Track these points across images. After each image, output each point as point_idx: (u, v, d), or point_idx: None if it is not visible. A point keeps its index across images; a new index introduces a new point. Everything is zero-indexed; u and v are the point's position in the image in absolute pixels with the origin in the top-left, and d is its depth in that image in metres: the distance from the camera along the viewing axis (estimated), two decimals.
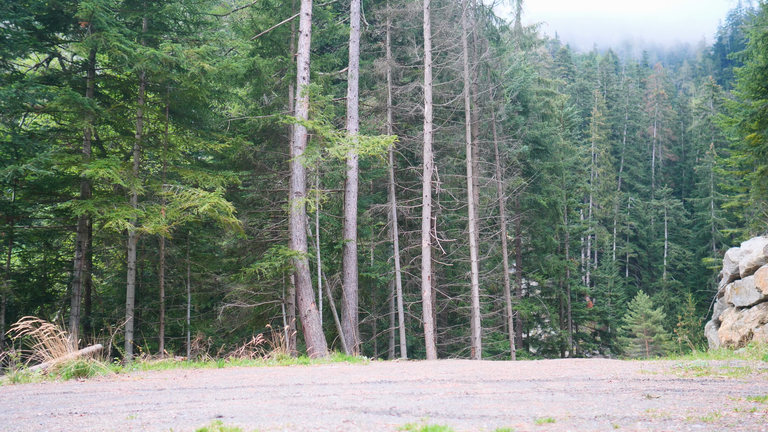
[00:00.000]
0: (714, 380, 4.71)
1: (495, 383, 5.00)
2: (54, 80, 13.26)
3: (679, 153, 64.66)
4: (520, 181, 26.28)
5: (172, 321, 15.43)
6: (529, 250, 32.11)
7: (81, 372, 6.36)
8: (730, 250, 10.53)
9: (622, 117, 62.47)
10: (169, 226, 11.82)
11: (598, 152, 53.48)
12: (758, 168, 18.29)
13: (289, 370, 7.36)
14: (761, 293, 9.15)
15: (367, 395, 4.30)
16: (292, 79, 15.44)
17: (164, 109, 13.84)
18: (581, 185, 39.58)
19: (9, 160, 12.03)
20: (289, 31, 15.97)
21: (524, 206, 30.18)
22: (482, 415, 3.24)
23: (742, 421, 2.84)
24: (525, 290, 34.35)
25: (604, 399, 3.77)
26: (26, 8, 11.80)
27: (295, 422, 3.17)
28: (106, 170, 10.99)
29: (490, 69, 23.33)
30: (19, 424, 3.55)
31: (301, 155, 13.30)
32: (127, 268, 13.03)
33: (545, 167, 29.83)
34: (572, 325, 34.00)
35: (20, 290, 14.11)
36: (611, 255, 49.04)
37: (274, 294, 15.06)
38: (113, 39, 11.23)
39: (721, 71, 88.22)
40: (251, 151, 15.64)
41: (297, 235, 13.69)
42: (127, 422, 3.41)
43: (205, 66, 12.16)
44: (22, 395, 5.01)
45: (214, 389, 5.18)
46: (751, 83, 17.56)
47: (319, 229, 16.24)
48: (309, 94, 13.57)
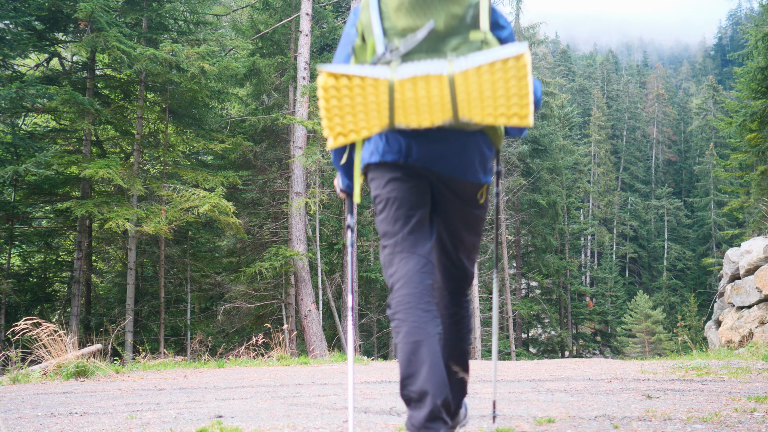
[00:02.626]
0: (714, 380, 4.71)
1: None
2: (54, 80, 13.26)
3: (679, 153, 64.67)
4: (520, 180, 26.28)
5: (172, 321, 15.43)
6: (529, 250, 32.11)
7: (81, 372, 6.37)
8: (730, 251, 10.53)
9: (622, 117, 62.47)
10: (169, 226, 11.82)
11: (598, 152, 53.49)
12: (758, 168, 18.28)
13: (289, 370, 7.37)
14: (761, 293, 9.15)
15: (367, 395, 4.31)
16: (292, 79, 15.44)
17: (164, 109, 13.84)
18: (581, 185, 39.58)
19: (9, 160, 12.04)
20: (289, 31, 15.97)
21: (524, 206, 30.18)
22: (482, 415, 3.24)
23: (743, 421, 2.84)
24: (525, 290, 34.35)
25: (604, 399, 3.77)
26: (26, 8, 11.81)
27: (296, 422, 3.17)
28: (106, 170, 10.99)
29: None
30: (19, 423, 3.55)
31: (301, 155, 13.30)
32: (127, 268, 13.03)
33: (545, 167, 29.82)
34: (572, 325, 34.01)
35: (20, 290, 14.11)
36: (611, 255, 49.04)
37: (274, 294, 15.06)
38: (113, 39, 11.23)
39: (721, 71, 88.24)
40: (251, 151, 15.65)
41: (297, 235, 13.69)
42: (127, 422, 3.41)
43: (205, 66, 12.16)
44: (22, 395, 5.01)
45: (214, 389, 5.19)
46: (751, 83, 17.55)
47: (319, 229, 16.25)
48: (309, 94, 13.58)
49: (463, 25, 1.87)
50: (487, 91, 1.72)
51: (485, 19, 1.90)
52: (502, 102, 1.73)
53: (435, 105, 1.74)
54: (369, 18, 1.93)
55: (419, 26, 1.86)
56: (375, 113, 1.77)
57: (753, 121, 17.07)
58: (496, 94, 1.72)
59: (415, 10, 1.87)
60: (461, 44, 1.86)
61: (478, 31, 1.88)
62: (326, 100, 1.76)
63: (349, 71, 1.73)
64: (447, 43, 1.86)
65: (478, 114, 1.74)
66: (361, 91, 1.74)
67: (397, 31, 1.89)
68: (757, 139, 17.33)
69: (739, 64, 20.93)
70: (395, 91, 1.73)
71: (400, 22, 1.89)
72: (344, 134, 1.79)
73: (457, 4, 1.88)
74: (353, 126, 1.78)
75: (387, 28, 1.90)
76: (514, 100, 1.72)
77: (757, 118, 16.87)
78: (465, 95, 1.72)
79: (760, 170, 18.10)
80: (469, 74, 1.71)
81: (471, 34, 1.87)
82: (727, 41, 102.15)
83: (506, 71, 1.70)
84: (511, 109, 1.73)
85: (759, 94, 17.16)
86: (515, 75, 1.71)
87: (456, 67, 1.71)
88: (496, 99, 1.73)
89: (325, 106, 1.77)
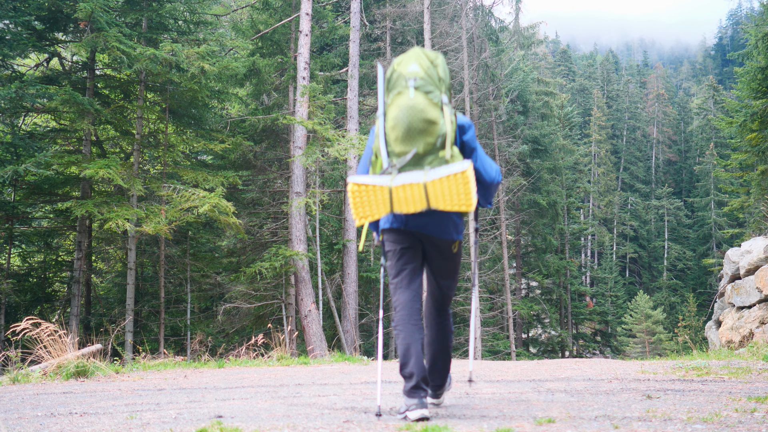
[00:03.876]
0: (714, 380, 4.71)
1: (495, 383, 5.00)
2: (54, 80, 13.25)
3: (679, 153, 64.64)
4: (520, 180, 26.28)
5: (172, 321, 15.42)
6: (529, 250, 32.10)
7: (81, 372, 6.36)
8: (730, 251, 10.52)
9: (623, 117, 62.44)
10: (169, 226, 11.82)
11: (598, 152, 53.47)
12: (759, 168, 18.27)
13: (290, 370, 7.36)
14: (761, 293, 9.14)
15: (368, 395, 4.31)
16: (292, 79, 15.43)
17: (164, 109, 13.83)
18: (581, 185, 39.58)
19: (9, 160, 12.03)
20: (289, 31, 15.97)
21: (524, 206, 30.17)
22: (482, 416, 3.24)
23: (743, 421, 2.84)
24: (525, 290, 34.35)
25: (605, 399, 3.76)
26: (26, 8, 11.80)
27: (296, 422, 3.17)
28: (106, 170, 10.99)
29: (489, 69, 23.33)
30: (19, 424, 3.55)
31: (301, 155, 13.29)
32: (127, 268, 13.02)
33: (545, 167, 29.82)
34: (572, 325, 34.00)
35: (20, 290, 14.10)
36: (611, 255, 49.03)
37: (274, 294, 15.06)
38: (113, 39, 11.22)
39: (721, 71, 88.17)
40: (251, 151, 15.64)
41: (297, 235, 13.69)
42: (127, 422, 3.41)
43: (205, 66, 12.15)
44: (22, 395, 5.01)
45: (214, 389, 5.18)
46: (751, 83, 17.54)
47: (319, 229, 16.24)
48: (309, 94, 13.57)
49: (434, 148, 3.01)
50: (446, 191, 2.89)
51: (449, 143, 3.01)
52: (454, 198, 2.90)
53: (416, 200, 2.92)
54: (378, 145, 3.10)
55: (408, 151, 3.00)
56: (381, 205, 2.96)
57: (753, 121, 17.06)
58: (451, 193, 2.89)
59: (405, 141, 3.00)
60: (434, 159, 3.00)
61: (444, 150, 3.01)
62: (353, 198, 2.96)
63: (366, 181, 2.94)
64: (425, 159, 3.00)
65: (441, 205, 2.94)
66: (372, 192, 2.94)
67: (395, 153, 3.03)
68: (757, 139, 17.32)
69: (740, 64, 20.92)
70: (393, 193, 2.92)
71: (396, 148, 3.03)
72: (365, 217, 3.02)
73: (431, 136, 2.99)
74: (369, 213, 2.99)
75: (389, 151, 3.05)
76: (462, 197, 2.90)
77: (757, 118, 16.86)
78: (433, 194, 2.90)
79: (761, 170, 18.09)
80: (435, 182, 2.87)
81: (440, 152, 3.01)
82: (727, 41, 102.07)
83: (456, 180, 2.86)
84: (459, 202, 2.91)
85: (759, 94, 17.15)
86: (461, 182, 2.87)
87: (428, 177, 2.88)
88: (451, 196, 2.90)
89: (353, 201, 2.97)
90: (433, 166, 2.95)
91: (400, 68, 3.12)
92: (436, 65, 3.14)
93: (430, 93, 3.03)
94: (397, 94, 3.06)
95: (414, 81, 3.04)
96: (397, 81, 3.09)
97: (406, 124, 2.97)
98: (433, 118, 2.99)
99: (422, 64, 3.11)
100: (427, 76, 3.07)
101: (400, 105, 3.02)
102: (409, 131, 2.97)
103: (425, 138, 2.97)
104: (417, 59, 3.13)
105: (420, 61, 3.12)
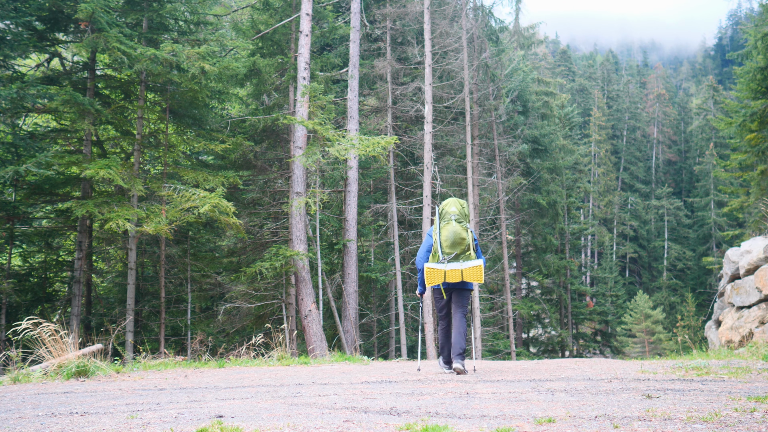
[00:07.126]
0: (714, 380, 4.72)
1: (495, 383, 5.01)
2: (54, 80, 13.25)
3: (679, 153, 64.67)
4: (520, 180, 26.28)
5: (172, 321, 15.43)
6: (529, 250, 32.12)
7: (82, 372, 6.37)
8: (730, 250, 10.53)
9: (623, 117, 62.46)
10: (169, 226, 11.83)
11: (599, 152, 53.49)
12: (758, 168, 18.28)
13: (290, 370, 7.37)
14: (761, 293, 9.15)
15: (368, 395, 4.31)
16: (293, 79, 15.44)
17: (165, 109, 13.84)
18: (581, 185, 39.58)
19: (9, 161, 12.04)
20: (290, 31, 15.97)
21: (524, 206, 30.18)
22: (482, 415, 3.24)
23: (743, 420, 2.85)
24: (525, 290, 34.36)
25: (605, 399, 3.77)
26: (27, 9, 11.81)
27: (296, 422, 3.18)
28: (106, 170, 11.00)
29: (489, 69, 23.33)
30: (20, 423, 3.56)
31: (302, 155, 13.30)
32: (128, 268, 13.03)
33: (545, 167, 29.82)
34: (572, 325, 34.02)
35: (21, 290, 14.11)
36: (611, 255, 49.03)
37: (275, 294, 15.07)
38: (113, 39, 11.23)
39: (721, 71, 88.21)
40: (251, 151, 15.64)
41: (297, 235, 13.69)
42: (127, 422, 3.42)
43: (206, 66, 12.16)
44: (23, 395, 5.01)
45: (214, 389, 5.19)
46: (751, 83, 17.56)
47: (320, 229, 16.25)
48: (309, 94, 13.58)
49: (466, 249, 5.92)
50: (471, 273, 5.84)
51: (472, 248, 5.94)
52: (474, 276, 5.85)
53: (457, 276, 5.85)
54: (437, 244, 5.94)
55: (453, 252, 5.89)
56: (439, 278, 5.86)
57: (753, 121, 17.08)
58: (473, 274, 5.84)
59: (452, 246, 5.88)
60: (467, 257, 5.90)
61: (470, 252, 5.93)
62: (426, 275, 5.87)
63: (432, 266, 5.87)
64: (461, 257, 5.90)
65: (469, 279, 5.86)
66: (436, 271, 5.86)
67: (446, 252, 5.89)
68: (757, 139, 17.34)
69: (739, 64, 20.93)
70: (446, 273, 5.83)
71: (447, 249, 5.89)
72: (431, 283, 5.90)
73: (463, 245, 5.90)
74: (433, 281, 5.88)
75: (443, 251, 5.89)
76: (478, 276, 5.84)
77: (757, 118, 16.88)
78: (466, 274, 5.84)
79: (760, 170, 18.10)
80: (466, 268, 5.83)
81: (467, 253, 5.92)
82: (727, 41, 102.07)
83: (477, 268, 5.84)
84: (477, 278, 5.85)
85: (759, 94, 17.16)
86: (479, 269, 5.85)
87: (463, 266, 5.84)
88: (473, 275, 5.84)
89: (426, 277, 5.87)
90: (465, 260, 5.86)
91: (446, 208, 6.02)
92: (464, 207, 6.04)
93: (462, 223, 5.93)
94: (447, 222, 5.94)
95: (455, 216, 5.95)
96: (445, 215, 5.99)
97: (452, 239, 5.86)
98: (465, 237, 5.90)
99: (458, 208, 6.00)
100: (461, 215, 5.97)
101: (448, 229, 5.90)
102: (453, 242, 5.86)
103: (461, 246, 5.87)
104: (455, 204, 6.03)
105: (456, 206, 6.02)
